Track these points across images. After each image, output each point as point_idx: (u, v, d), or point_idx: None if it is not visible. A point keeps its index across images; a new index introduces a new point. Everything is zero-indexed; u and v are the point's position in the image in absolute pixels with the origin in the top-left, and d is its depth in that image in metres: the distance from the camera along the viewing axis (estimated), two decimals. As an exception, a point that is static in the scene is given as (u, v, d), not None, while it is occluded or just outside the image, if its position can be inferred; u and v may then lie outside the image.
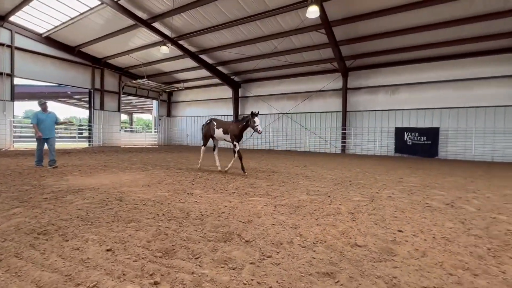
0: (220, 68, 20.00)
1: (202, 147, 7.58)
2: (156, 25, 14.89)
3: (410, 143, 14.86)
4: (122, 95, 22.22)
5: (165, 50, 15.53)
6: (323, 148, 18.15)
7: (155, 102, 25.88)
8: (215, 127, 7.08)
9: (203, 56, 18.31)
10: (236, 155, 6.74)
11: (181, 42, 16.46)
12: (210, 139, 7.40)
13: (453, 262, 2.11)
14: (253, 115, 6.31)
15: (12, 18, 14.71)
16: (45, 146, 7.27)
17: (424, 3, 10.80)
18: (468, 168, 9.34)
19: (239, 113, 22.33)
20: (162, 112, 26.67)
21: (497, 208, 3.88)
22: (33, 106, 35.47)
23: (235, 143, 6.69)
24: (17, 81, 16.13)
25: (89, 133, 19.87)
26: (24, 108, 45.63)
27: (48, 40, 16.85)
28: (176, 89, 23.89)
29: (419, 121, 15.22)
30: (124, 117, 46.84)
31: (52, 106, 35.00)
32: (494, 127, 13.38)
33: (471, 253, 2.28)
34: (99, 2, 12.77)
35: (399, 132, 15.28)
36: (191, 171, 7.13)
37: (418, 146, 14.56)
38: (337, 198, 4.22)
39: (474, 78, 13.80)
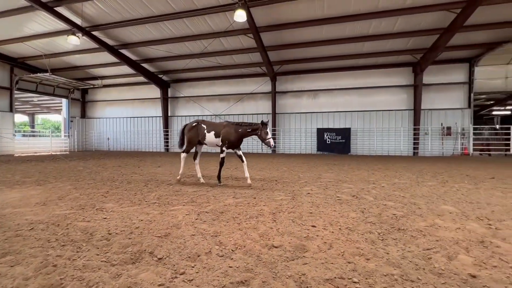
0: (145, 65, 18.41)
1: (183, 154, 6.05)
2: (61, 10, 12.61)
3: (329, 142, 16.79)
4: (16, 92, 18.03)
5: (75, 40, 13.32)
6: (255, 149, 18.75)
7: (64, 101, 21.93)
8: (205, 131, 5.81)
9: (124, 51, 16.49)
10: (224, 160, 5.78)
11: (95, 33, 14.41)
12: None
13: (352, 250, 2.39)
14: (264, 124, 5.43)
15: None
16: None
17: (335, 20, 12.36)
18: (370, 162, 11.11)
19: (169, 114, 21.07)
20: (75, 112, 22.88)
21: (388, 195, 4.68)
22: None
23: (224, 148, 5.66)
24: None
25: (-36, 140, 15.39)
26: None
27: None
28: (92, 86, 20.82)
29: (336, 122, 17.36)
30: (23, 118, 38.28)
31: None
32: (388, 127, 16.38)
33: (366, 240, 2.64)
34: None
35: (320, 133, 17.10)
36: (108, 181, 6.26)
37: (335, 144, 16.59)
38: (262, 199, 4.35)
39: (374, 87, 16.60)
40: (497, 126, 17.32)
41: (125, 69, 18.43)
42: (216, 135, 5.74)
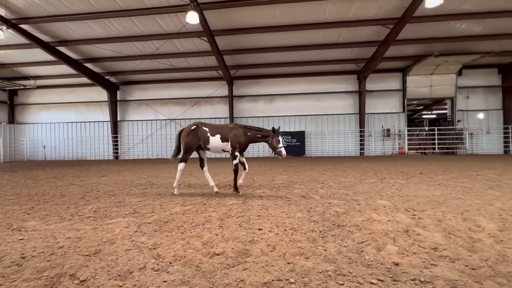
0: (89, 65, 16.80)
1: (182, 164, 5.21)
2: (-23, -3, 10.81)
3: (285, 145, 17.32)
4: None
5: (-3, 34, 11.51)
6: (214, 154, 18.40)
7: (-15, 104, 18.75)
8: (208, 134, 5.15)
9: (62, 49, 14.83)
10: (238, 167, 5.18)
11: (24, 26, 12.68)
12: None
13: (294, 250, 2.44)
14: (276, 132, 5.10)
15: None
16: None
17: (286, 28, 12.93)
18: (322, 163, 11.77)
19: (119, 119, 19.53)
20: (1, 117, 19.71)
21: (333, 194, 4.96)
22: None
23: (237, 154, 5.10)
24: None
25: None
26: None
27: None
28: (22, 87, 18.21)
29: (291, 126, 18.07)
30: None
31: None
32: (338, 130, 17.63)
33: (308, 239, 2.72)
34: None
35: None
36: (36, 196, 5.44)
37: (291, 147, 17.22)
38: (212, 205, 4.23)
39: (325, 92, 17.74)
40: (426, 128, 19.91)
41: (65, 68, 16.53)
42: (223, 139, 5.12)
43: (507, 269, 2.02)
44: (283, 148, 5.14)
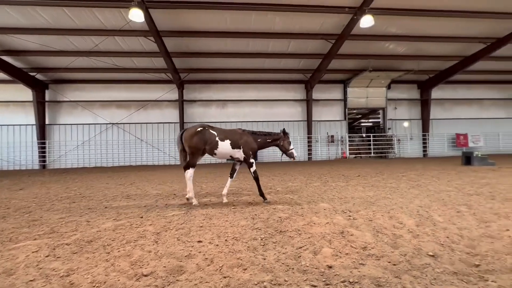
0: (8, 58, 14.27)
1: (190, 170, 4.71)
2: None
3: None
4: None
5: None
6: (162, 161, 17.34)
7: None
8: (217, 139, 4.71)
9: (-32, 37, 12.27)
10: (257, 174, 4.88)
11: None
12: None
13: (232, 262, 2.32)
14: (286, 134, 5.01)
15: None
16: None
17: (237, 34, 13.04)
18: (273, 169, 12.05)
19: (47, 122, 17.02)
20: None
21: (279, 199, 5.04)
22: None
23: (252, 161, 4.83)
24: None
25: None
26: None
27: None
28: None
29: (244, 132, 18.13)
30: None
31: None
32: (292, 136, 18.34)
33: (248, 248, 2.65)
34: None
35: (230, 142, 17.45)
36: None
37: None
38: (150, 218, 3.86)
39: (276, 100, 18.37)
40: (364, 135, 22.18)
41: (-28, 60, 13.70)
42: (234, 145, 4.78)
43: (421, 262, 2.25)
44: (294, 149, 5.07)
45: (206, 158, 17.16)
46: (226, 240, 2.88)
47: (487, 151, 17.26)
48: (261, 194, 4.82)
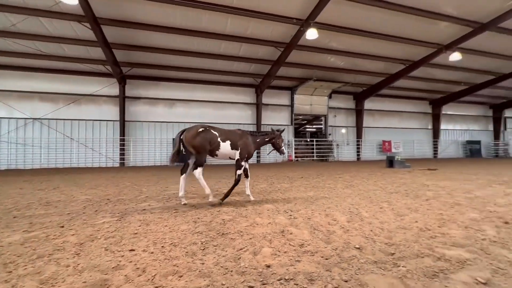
0: None
1: (199, 169, 4.60)
2: None
3: (185, 153, 16.64)
4: None
5: None
6: (97, 162, 15.51)
7: None
8: (219, 140, 4.65)
9: None
10: (241, 178, 4.84)
11: None
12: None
13: (167, 270, 2.16)
14: (281, 131, 5.36)
15: None
16: None
17: (187, 32, 12.63)
18: (221, 171, 11.90)
19: None
20: None
21: (225, 201, 4.96)
22: None
23: (243, 163, 4.83)
24: None
25: None
26: None
27: None
28: None
29: (192, 133, 17.53)
30: None
31: None
32: (239, 139, 18.45)
33: (187, 253, 2.51)
34: None
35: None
36: None
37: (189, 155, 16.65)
38: (74, 227, 3.37)
39: (225, 102, 18.32)
40: (308, 140, 23.75)
41: None
42: (233, 146, 4.75)
43: (349, 254, 2.46)
44: (284, 146, 5.47)
45: (153, 161, 16.04)
46: (162, 246, 2.68)
47: (405, 156, 20.34)
48: (226, 196, 4.85)
